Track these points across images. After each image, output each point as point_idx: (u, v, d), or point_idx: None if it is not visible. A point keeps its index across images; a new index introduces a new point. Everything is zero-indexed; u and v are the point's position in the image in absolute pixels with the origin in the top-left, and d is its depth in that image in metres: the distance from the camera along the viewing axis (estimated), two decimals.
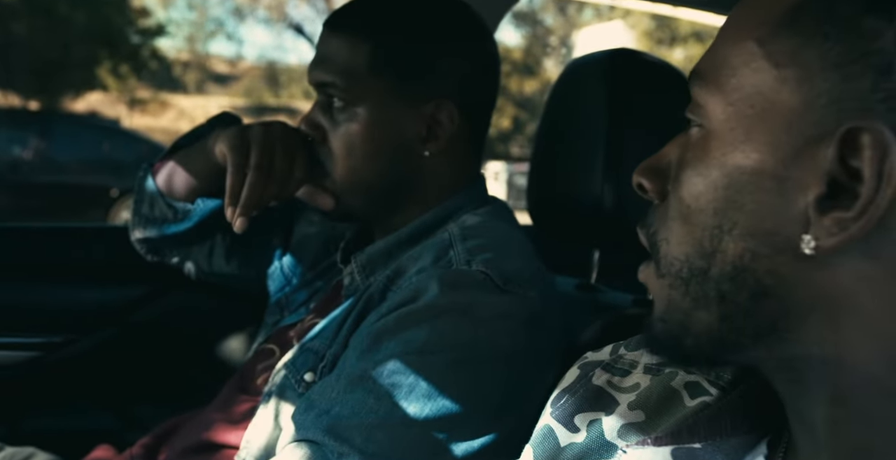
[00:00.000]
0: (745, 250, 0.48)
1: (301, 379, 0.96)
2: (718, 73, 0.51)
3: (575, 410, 0.64)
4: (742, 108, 0.49)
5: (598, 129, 1.08)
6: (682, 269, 0.51)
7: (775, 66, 0.48)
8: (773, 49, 0.48)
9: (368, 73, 0.99)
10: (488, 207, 1.05)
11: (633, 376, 0.63)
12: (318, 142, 1.03)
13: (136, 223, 1.23)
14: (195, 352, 1.53)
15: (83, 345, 1.49)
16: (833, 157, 0.45)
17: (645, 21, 14.87)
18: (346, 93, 1.00)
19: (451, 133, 1.02)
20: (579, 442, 0.62)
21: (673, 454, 0.56)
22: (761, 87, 0.48)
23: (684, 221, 0.51)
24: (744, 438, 0.55)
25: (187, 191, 1.17)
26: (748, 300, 0.49)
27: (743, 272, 0.48)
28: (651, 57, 1.16)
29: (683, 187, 0.52)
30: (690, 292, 0.51)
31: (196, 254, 1.29)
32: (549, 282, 0.99)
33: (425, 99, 1.01)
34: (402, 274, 0.96)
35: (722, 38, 0.52)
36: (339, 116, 1.01)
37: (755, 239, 0.48)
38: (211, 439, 1.02)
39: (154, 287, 1.53)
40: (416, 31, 1.02)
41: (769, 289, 0.48)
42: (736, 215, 0.48)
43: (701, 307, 0.51)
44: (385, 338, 0.87)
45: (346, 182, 1.02)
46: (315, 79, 1.02)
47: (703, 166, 0.50)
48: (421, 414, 0.83)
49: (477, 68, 1.05)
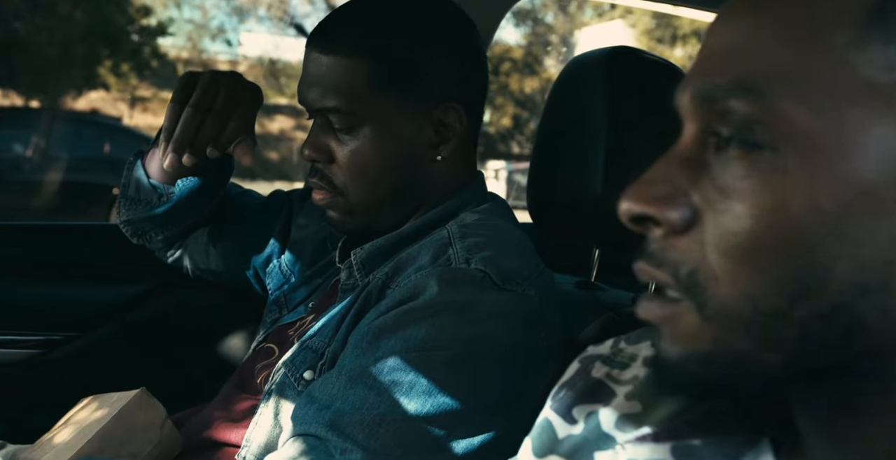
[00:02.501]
0: (854, 287, 0.40)
1: (300, 377, 0.96)
2: (801, 77, 0.42)
3: (573, 402, 0.64)
4: (850, 116, 0.41)
5: (598, 127, 1.08)
6: (745, 310, 0.43)
7: (867, 65, 0.41)
8: (866, 48, 0.41)
9: (370, 92, 0.97)
10: (487, 205, 1.05)
11: (632, 369, 0.63)
12: (326, 164, 1.01)
13: (122, 205, 1.25)
14: (195, 350, 1.53)
15: (83, 343, 1.49)
16: None
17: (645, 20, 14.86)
18: (350, 116, 0.97)
19: (459, 134, 1.02)
20: (577, 433, 0.62)
21: (672, 451, 0.55)
22: (863, 88, 0.41)
23: (753, 255, 0.42)
24: (746, 436, 0.53)
25: (170, 173, 1.17)
26: (839, 339, 0.41)
27: (843, 309, 0.41)
28: (650, 55, 1.16)
29: (750, 217, 0.42)
30: (754, 335, 0.43)
31: (192, 251, 1.29)
32: (549, 280, 0.99)
33: (432, 104, 1.00)
34: (401, 271, 0.96)
35: (786, 27, 0.43)
36: (343, 137, 0.99)
37: (870, 272, 0.40)
38: (211, 437, 1.02)
39: (154, 285, 1.53)
40: (411, 39, 0.99)
41: (870, 323, 0.41)
42: (843, 245, 0.40)
43: (771, 350, 0.43)
44: (385, 335, 0.87)
45: (363, 200, 1.01)
46: (312, 104, 0.99)
47: (792, 187, 0.41)
48: (422, 411, 0.83)
49: (473, 66, 1.04)
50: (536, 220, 1.21)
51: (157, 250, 1.31)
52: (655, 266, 0.46)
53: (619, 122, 1.07)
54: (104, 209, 7.52)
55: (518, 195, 10.36)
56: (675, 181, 0.45)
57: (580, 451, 0.61)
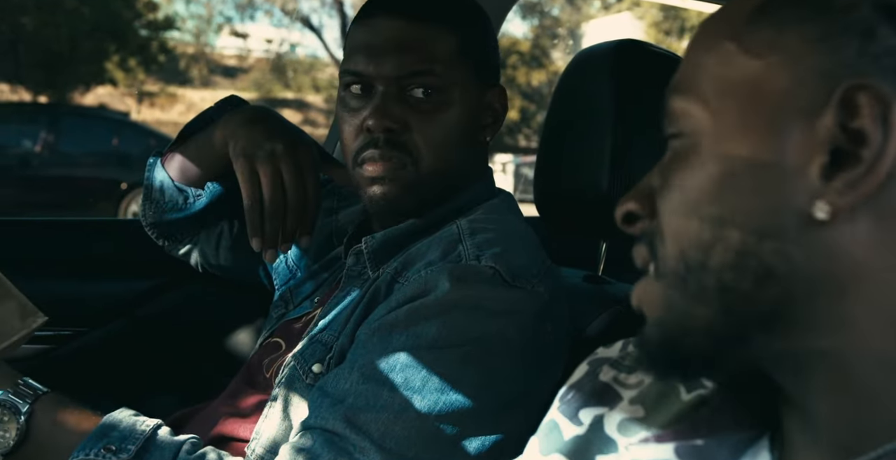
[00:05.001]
0: (750, 234, 0.48)
1: (309, 370, 0.96)
2: (696, 79, 0.52)
3: (580, 405, 0.65)
4: (729, 103, 0.50)
5: (605, 120, 1.08)
6: (679, 265, 0.51)
7: (757, 57, 0.49)
8: (751, 42, 0.50)
9: (455, 62, 0.99)
10: (496, 200, 1.05)
11: (639, 373, 0.64)
12: (401, 134, 0.98)
13: (148, 208, 1.26)
14: (203, 345, 1.54)
15: (92, 338, 1.49)
16: (833, 124, 0.46)
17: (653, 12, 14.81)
18: (439, 80, 0.98)
19: (500, 120, 1.06)
20: (581, 434, 0.63)
21: (676, 451, 0.56)
22: (746, 80, 0.49)
23: (680, 218, 0.51)
24: (746, 433, 0.55)
25: (197, 177, 1.20)
26: (751, 286, 0.48)
27: (745, 256, 0.48)
28: (656, 48, 1.16)
29: (676, 187, 0.51)
30: (689, 288, 0.50)
31: (203, 246, 1.30)
32: (556, 276, 0.99)
33: (492, 84, 1.04)
34: (410, 266, 0.96)
35: (695, 48, 0.53)
36: (425, 105, 0.98)
37: (760, 220, 0.48)
38: (220, 432, 1.03)
39: (162, 280, 1.54)
40: (483, 20, 1.05)
41: (774, 270, 0.47)
42: (736, 201, 0.48)
43: (700, 302, 0.50)
44: (396, 331, 0.88)
45: (433, 171, 0.99)
46: (390, 70, 0.97)
47: (696, 161, 0.51)
48: (435, 408, 0.84)
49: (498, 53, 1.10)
50: (543, 214, 1.21)
51: (167, 244, 1.32)
52: (637, 246, 0.55)
53: (626, 115, 1.07)
54: (113, 204, 7.55)
55: (525, 188, 10.35)
56: (647, 182, 0.55)
57: (583, 453, 0.62)
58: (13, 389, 0.89)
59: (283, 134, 1.10)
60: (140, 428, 0.88)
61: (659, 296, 0.53)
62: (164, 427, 0.90)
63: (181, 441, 0.89)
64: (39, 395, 0.89)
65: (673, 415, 0.58)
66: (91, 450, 0.85)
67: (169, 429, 0.90)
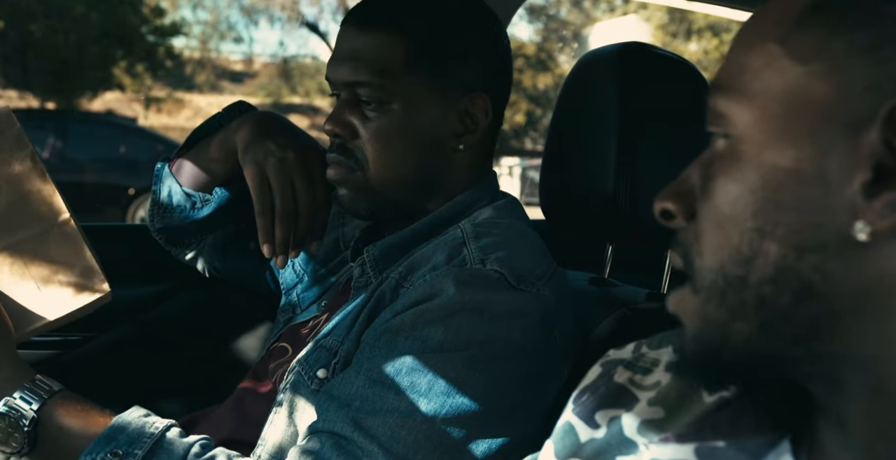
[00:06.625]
0: (790, 248, 0.47)
1: (314, 375, 0.96)
2: (740, 79, 0.50)
3: (596, 407, 0.64)
4: (772, 109, 0.48)
5: (610, 123, 1.07)
6: (718, 279, 0.50)
7: (801, 63, 0.47)
8: (796, 46, 0.48)
9: (403, 70, 0.98)
10: (500, 203, 1.05)
11: (655, 374, 0.64)
12: (349, 140, 1.01)
13: (156, 214, 1.26)
14: (210, 350, 1.54)
15: (100, 343, 1.50)
16: (877, 140, 0.44)
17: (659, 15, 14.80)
18: (381, 91, 0.98)
19: (483, 127, 1.02)
20: (599, 437, 0.63)
21: (696, 452, 0.56)
22: (789, 85, 0.48)
23: (719, 230, 0.50)
24: (767, 436, 0.54)
25: (205, 182, 1.20)
26: (790, 302, 0.47)
27: (785, 272, 0.47)
28: (661, 50, 1.15)
29: (716, 196, 0.50)
30: (727, 302, 0.50)
31: (210, 251, 1.30)
32: (562, 279, 0.99)
33: (461, 92, 1.01)
34: (415, 270, 0.96)
35: (739, 46, 0.52)
36: (370, 113, 0.99)
37: (800, 235, 0.47)
38: (226, 437, 1.02)
39: (170, 285, 1.54)
40: (447, 23, 1.01)
41: (814, 286, 0.47)
42: (777, 214, 0.47)
43: (739, 317, 0.49)
44: (402, 335, 0.88)
45: (381, 178, 1.00)
46: (342, 78, 1.00)
47: (737, 171, 0.49)
48: (441, 412, 0.84)
49: (502, 61, 1.05)
50: (550, 217, 1.21)
51: (174, 249, 1.32)
52: (674, 249, 0.54)
53: (631, 118, 1.07)
54: (120, 209, 7.57)
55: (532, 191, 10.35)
56: (689, 179, 0.53)
57: (602, 455, 0.62)
58: (30, 385, 0.90)
59: (292, 140, 1.10)
60: (149, 431, 0.88)
61: (697, 310, 0.52)
62: (175, 427, 0.90)
63: (190, 443, 0.88)
64: (54, 392, 0.90)
65: (695, 417, 0.58)
66: (98, 455, 0.85)
67: (179, 430, 0.90)
